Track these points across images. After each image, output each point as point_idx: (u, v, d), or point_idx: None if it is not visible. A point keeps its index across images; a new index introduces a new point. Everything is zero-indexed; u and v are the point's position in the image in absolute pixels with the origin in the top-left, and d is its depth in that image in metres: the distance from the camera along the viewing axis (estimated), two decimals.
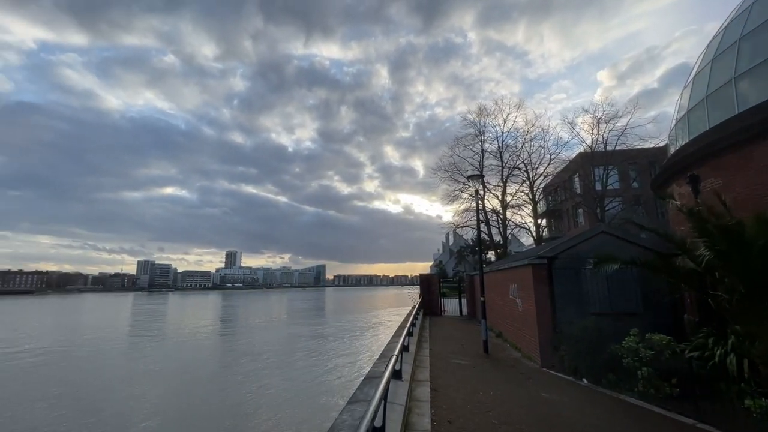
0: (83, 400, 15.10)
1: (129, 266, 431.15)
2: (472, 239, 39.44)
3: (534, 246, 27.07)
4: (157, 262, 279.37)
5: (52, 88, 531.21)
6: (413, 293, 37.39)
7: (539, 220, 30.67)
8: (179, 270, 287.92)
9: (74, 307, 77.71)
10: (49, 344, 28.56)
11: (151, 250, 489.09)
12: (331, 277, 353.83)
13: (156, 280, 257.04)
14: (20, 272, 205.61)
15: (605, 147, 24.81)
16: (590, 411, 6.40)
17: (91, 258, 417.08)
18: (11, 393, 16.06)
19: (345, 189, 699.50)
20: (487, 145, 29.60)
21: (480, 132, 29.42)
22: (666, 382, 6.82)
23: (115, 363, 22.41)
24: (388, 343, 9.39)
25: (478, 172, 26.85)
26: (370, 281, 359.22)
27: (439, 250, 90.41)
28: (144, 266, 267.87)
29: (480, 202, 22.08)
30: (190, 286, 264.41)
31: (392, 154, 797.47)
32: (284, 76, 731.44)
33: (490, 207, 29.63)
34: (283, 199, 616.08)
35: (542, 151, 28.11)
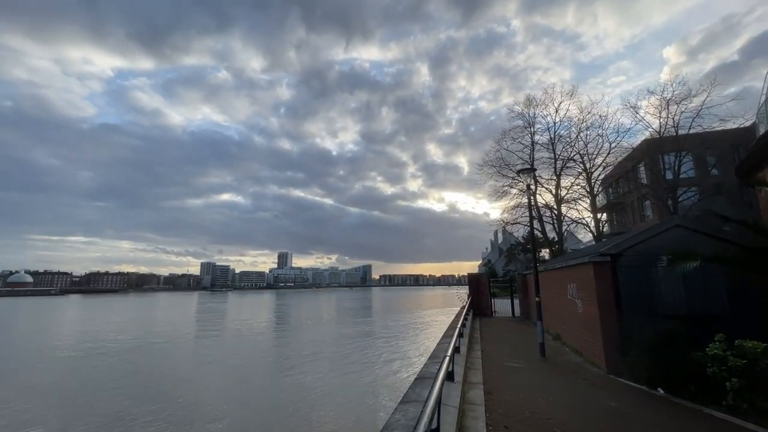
0: (154, 390, 16.73)
1: (193, 267, 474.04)
2: (523, 237, 37.66)
3: (593, 243, 25.12)
4: (217, 263, 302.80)
5: (127, 110, 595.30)
6: (461, 293, 36.52)
7: (598, 215, 28.38)
8: (237, 270, 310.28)
9: (151, 304, 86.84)
10: (132, 337, 32.19)
11: (212, 253, 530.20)
12: (377, 277, 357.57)
13: (217, 280, 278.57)
14: (107, 273, 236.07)
15: (677, 131, 22.32)
16: (670, 425, 5.74)
17: (162, 260, 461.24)
18: (89, 380, 18.26)
19: (388, 189, 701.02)
20: (537, 137, 27.86)
21: (529, 123, 27.82)
22: (762, 396, 5.95)
23: (185, 356, 24.64)
24: (438, 344, 9.22)
25: (529, 166, 25.59)
26: (416, 281, 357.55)
27: (487, 249, 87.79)
28: (206, 267, 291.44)
29: (532, 197, 20.95)
30: (247, 285, 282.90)
31: (435, 152, 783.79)
32: (327, 82, 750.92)
33: (543, 202, 27.92)
34: (328, 201, 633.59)
35: (600, 140, 25.82)
